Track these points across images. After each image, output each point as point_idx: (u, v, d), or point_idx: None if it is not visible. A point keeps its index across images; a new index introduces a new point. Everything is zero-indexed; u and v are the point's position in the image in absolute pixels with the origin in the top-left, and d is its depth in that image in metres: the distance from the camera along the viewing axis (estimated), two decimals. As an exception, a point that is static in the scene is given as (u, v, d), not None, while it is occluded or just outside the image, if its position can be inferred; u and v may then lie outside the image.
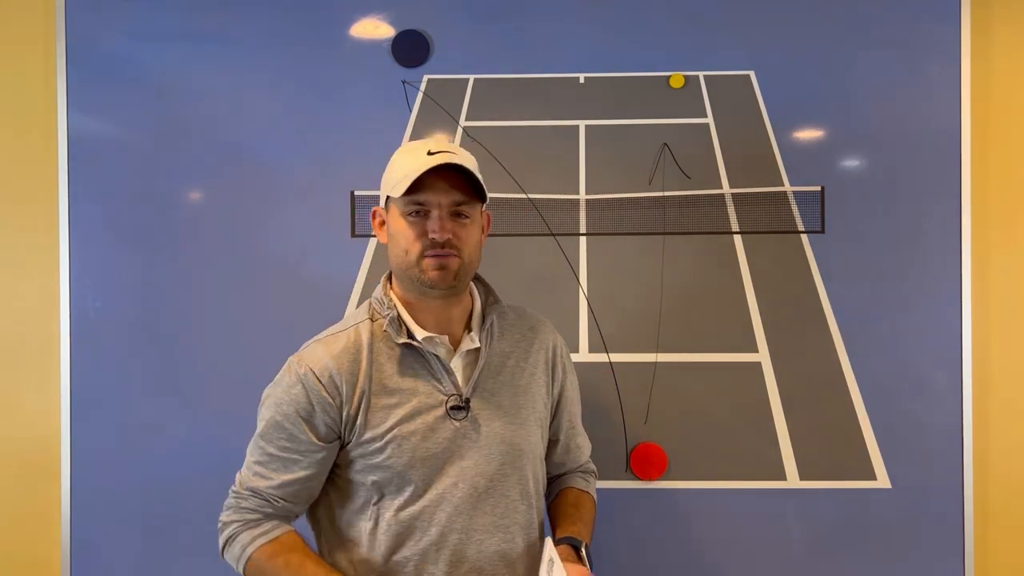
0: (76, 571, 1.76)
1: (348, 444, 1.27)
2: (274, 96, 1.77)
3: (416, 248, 1.24)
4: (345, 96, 1.78)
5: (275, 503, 1.27)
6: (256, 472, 1.28)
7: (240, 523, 1.27)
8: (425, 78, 1.79)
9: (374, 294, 1.34)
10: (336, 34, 1.78)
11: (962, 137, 1.75)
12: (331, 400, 1.24)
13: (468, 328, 1.34)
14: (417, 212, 1.24)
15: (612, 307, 1.77)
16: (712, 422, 1.75)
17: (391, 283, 1.34)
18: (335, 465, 1.30)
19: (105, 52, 1.78)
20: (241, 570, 1.26)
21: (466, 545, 1.26)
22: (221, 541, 1.29)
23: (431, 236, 1.22)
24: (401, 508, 1.25)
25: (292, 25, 1.78)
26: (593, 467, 1.52)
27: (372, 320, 1.31)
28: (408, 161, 1.24)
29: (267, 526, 1.26)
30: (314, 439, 1.25)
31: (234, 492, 1.30)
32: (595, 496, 1.48)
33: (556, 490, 1.46)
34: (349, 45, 1.78)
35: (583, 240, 1.78)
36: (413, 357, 1.28)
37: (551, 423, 1.43)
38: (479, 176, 1.25)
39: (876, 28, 1.76)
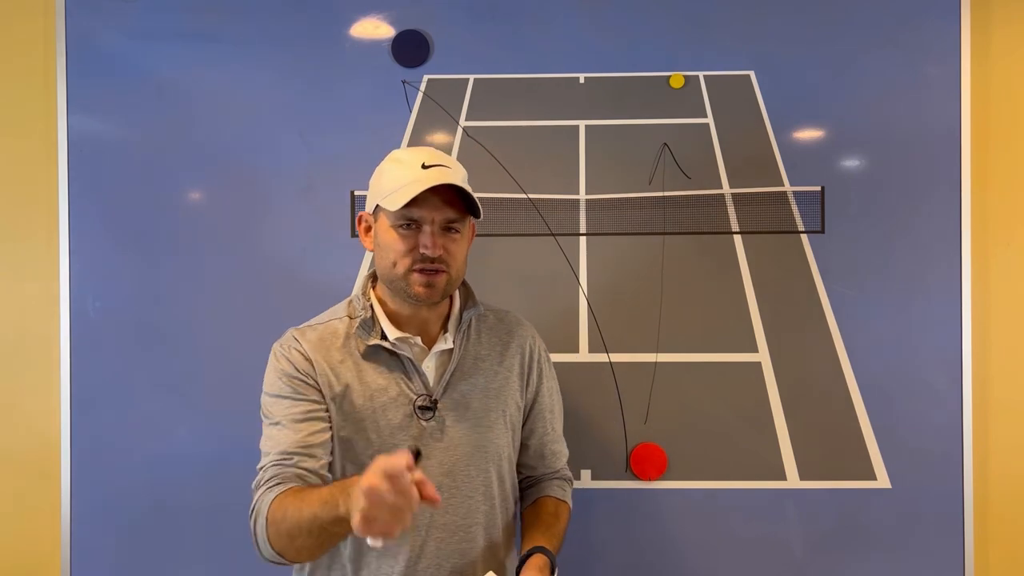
0: (76, 571, 1.76)
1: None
2: (274, 96, 1.77)
3: (406, 262, 1.25)
4: (345, 96, 1.78)
5: (286, 464, 1.21)
6: (267, 450, 1.25)
7: (257, 498, 1.20)
8: (425, 78, 1.78)
9: (355, 291, 1.36)
10: (336, 34, 1.78)
11: (962, 137, 1.75)
12: (312, 369, 1.27)
13: (445, 329, 1.35)
14: (408, 225, 1.25)
15: (612, 307, 1.77)
16: (712, 422, 1.75)
17: (374, 284, 1.35)
18: None
19: (105, 52, 1.78)
20: (267, 540, 1.17)
21: (426, 542, 1.28)
22: (251, 528, 1.20)
23: (422, 251, 1.23)
24: None
25: (292, 25, 1.78)
26: (569, 474, 1.51)
27: (351, 318, 1.33)
28: (402, 173, 1.24)
29: (282, 487, 1.18)
30: (313, 391, 1.26)
31: (254, 483, 1.24)
32: (571, 505, 1.47)
33: (533, 496, 1.46)
34: (349, 45, 1.78)
35: (583, 240, 1.78)
36: (387, 356, 1.30)
37: (523, 426, 1.43)
38: (472, 193, 1.25)
39: (876, 28, 1.76)
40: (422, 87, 1.78)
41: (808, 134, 1.77)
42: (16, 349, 1.82)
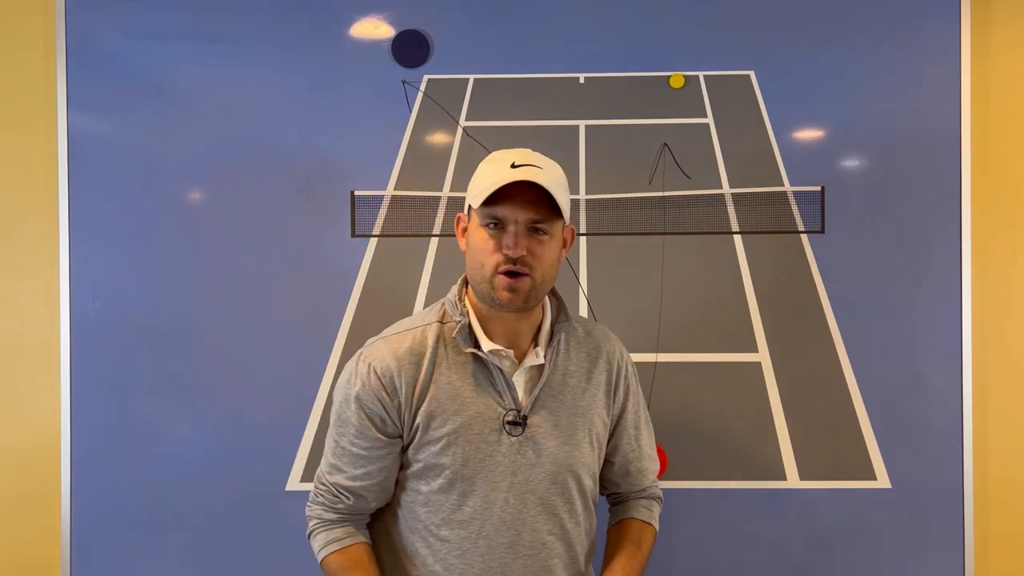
0: (76, 571, 1.75)
1: (409, 446, 1.29)
2: (274, 96, 1.77)
3: (491, 262, 1.23)
4: (345, 96, 1.78)
5: (346, 498, 1.30)
6: (332, 465, 1.31)
7: (319, 521, 1.32)
8: (425, 78, 1.78)
9: (448, 296, 1.34)
10: (336, 34, 1.78)
11: (962, 137, 1.75)
12: (390, 400, 1.26)
13: (535, 342, 1.33)
14: (494, 224, 1.23)
15: (612, 307, 1.77)
16: (712, 422, 1.75)
17: (467, 288, 1.33)
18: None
19: (105, 52, 1.78)
20: (320, 563, 1.32)
21: (511, 560, 1.27)
22: (308, 530, 1.34)
23: (504, 251, 1.22)
24: (451, 514, 1.27)
25: (292, 25, 1.78)
26: (658, 492, 1.48)
27: (442, 323, 1.31)
28: (492, 171, 1.23)
29: (340, 532, 1.30)
30: (379, 435, 1.27)
31: (316, 483, 1.34)
32: (657, 527, 1.44)
33: (619, 516, 1.44)
34: (349, 45, 1.78)
35: (583, 240, 1.78)
36: (477, 366, 1.29)
37: (608, 442, 1.40)
38: (561, 194, 1.23)
39: (876, 28, 1.76)
40: (422, 87, 1.78)
41: (808, 134, 1.77)
42: (16, 349, 1.82)
